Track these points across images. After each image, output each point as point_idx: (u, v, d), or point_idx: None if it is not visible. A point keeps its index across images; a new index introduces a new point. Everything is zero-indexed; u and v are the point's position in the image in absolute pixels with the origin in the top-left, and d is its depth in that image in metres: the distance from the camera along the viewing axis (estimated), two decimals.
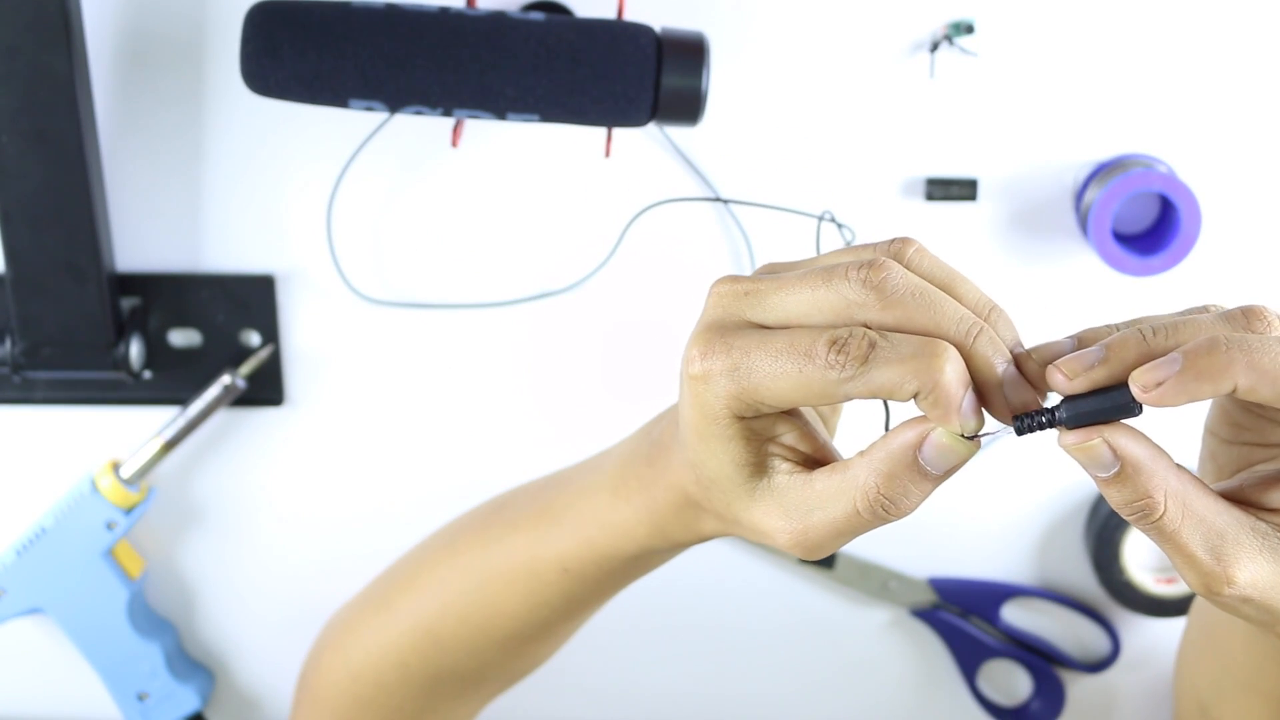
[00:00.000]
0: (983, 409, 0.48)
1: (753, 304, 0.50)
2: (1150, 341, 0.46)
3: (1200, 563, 0.47)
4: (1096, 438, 0.46)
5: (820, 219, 0.70)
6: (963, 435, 0.47)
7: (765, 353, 0.48)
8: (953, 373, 0.46)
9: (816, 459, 0.52)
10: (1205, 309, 0.49)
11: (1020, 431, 0.47)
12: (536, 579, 0.64)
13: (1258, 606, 0.48)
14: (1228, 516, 0.47)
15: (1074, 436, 0.46)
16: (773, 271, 0.52)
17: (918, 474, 0.48)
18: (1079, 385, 0.46)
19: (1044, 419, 0.47)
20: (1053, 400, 0.48)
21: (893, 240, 0.50)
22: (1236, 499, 0.49)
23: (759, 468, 0.51)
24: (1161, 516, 0.47)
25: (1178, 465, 0.47)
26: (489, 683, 0.72)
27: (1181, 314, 0.49)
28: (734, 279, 0.51)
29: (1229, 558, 0.47)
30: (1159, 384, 0.45)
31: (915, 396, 0.46)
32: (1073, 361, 0.47)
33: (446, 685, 0.70)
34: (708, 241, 0.80)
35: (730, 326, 0.50)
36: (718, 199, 0.79)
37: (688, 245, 0.80)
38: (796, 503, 0.50)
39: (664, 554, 0.61)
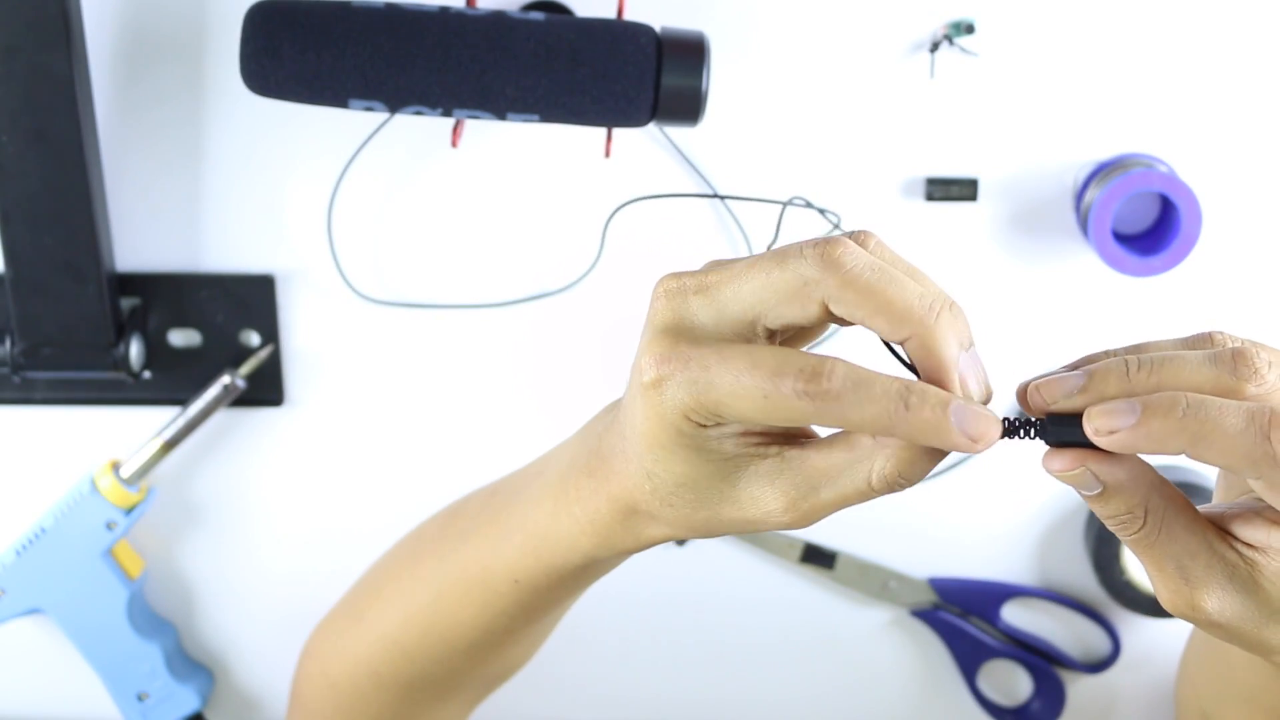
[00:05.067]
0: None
1: (704, 302, 0.48)
2: (1132, 377, 0.47)
3: (1170, 580, 0.48)
4: (1079, 467, 0.47)
5: (786, 204, 0.69)
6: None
7: (727, 369, 0.47)
8: (938, 420, 0.45)
9: (790, 434, 0.51)
10: (1209, 337, 0.48)
11: (1003, 434, 0.47)
12: (490, 590, 0.63)
13: (1227, 633, 0.49)
14: (1202, 541, 0.48)
15: (1057, 463, 0.47)
16: (714, 262, 0.50)
17: (936, 455, 0.48)
18: (1057, 410, 0.47)
19: (1026, 430, 0.47)
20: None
21: (853, 232, 0.49)
22: (1219, 524, 0.49)
23: (739, 458, 0.50)
24: (1139, 530, 0.48)
25: (1163, 482, 0.48)
26: (465, 688, 0.72)
27: (1184, 341, 0.49)
28: (679, 275, 0.49)
29: (1197, 581, 0.48)
30: (1111, 432, 0.45)
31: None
32: (1053, 386, 0.47)
33: (421, 692, 0.70)
34: (704, 238, 0.80)
35: (684, 332, 0.48)
36: (705, 195, 0.79)
37: (685, 243, 0.80)
38: (796, 480, 0.49)
39: (612, 561, 0.60)
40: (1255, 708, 0.65)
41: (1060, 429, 0.47)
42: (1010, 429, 0.47)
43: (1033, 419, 0.47)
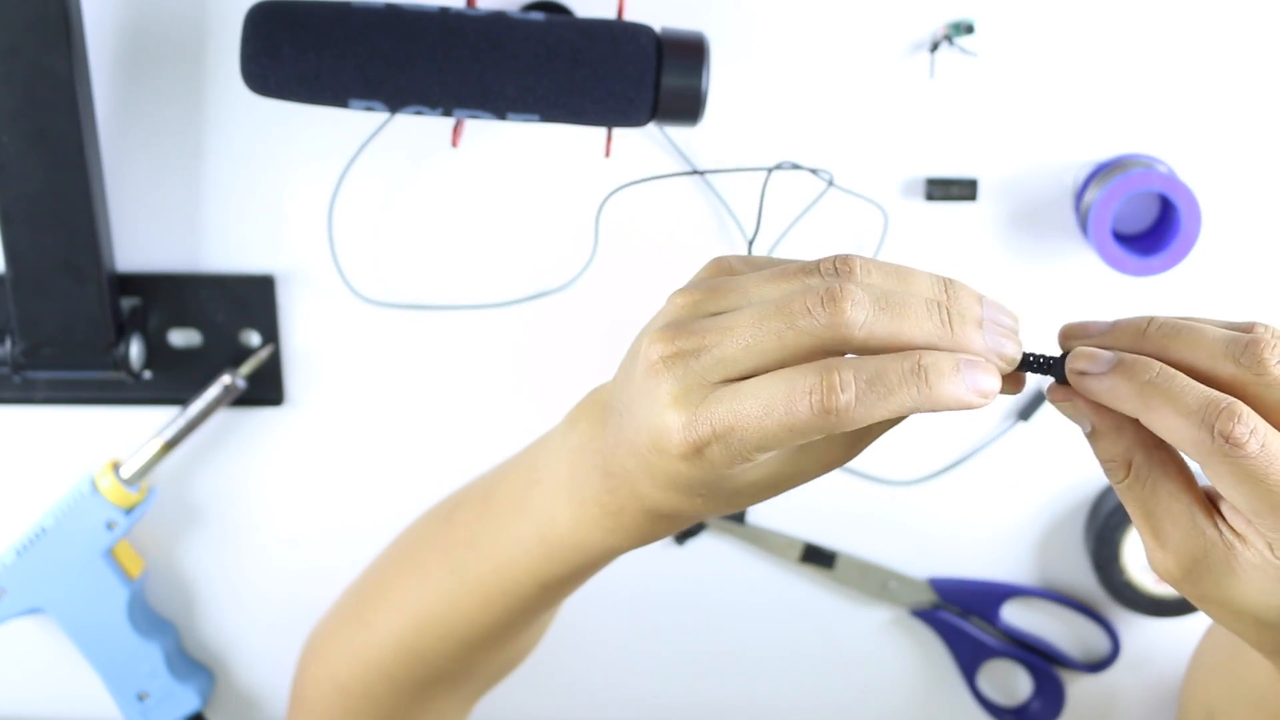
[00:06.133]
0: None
1: (709, 363, 0.48)
2: (1147, 335, 0.49)
3: (1148, 539, 0.49)
4: (1069, 400, 0.50)
5: (771, 170, 0.69)
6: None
7: (748, 420, 0.47)
8: (956, 381, 0.46)
9: None
10: (1252, 327, 0.48)
11: (1019, 367, 0.50)
12: (511, 596, 0.64)
13: (1207, 611, 0.50)
14: (1185, 509, 0.48)
15: (1054, 394, 0.51)
16: (698, 308, 0.50)
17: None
18: (1070, 349, 0.50)
19: (1042, 363, 0.50)
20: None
21: (835, 260, 0.49)
22: (1214, 498, 0.49)
23: (792, 450, 0.51)
24: (1122, 480, 0.49)
25: (1160, 443, 0.49)
26: (478, 679, 0.72)
27: (1230, 325, 0.49)
28: (670, 334, 0.49)
29: (1172, 548, 0.49)
30: (1081, 374, 0.48)
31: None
32: (1078, 329, 0.51)
33: (435, 688, 0.71)
34: (702, 232, 0.80)
35: (696, 393, 0.48)
36: (692, 172, 0.79)
37: (682, 238, 0.80)
38: (851, 436, 0.51)
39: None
40: (1262, 711, 0.65)
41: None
42: (1029, 363, 0.50)
43: (1048, 356, 0.50)
